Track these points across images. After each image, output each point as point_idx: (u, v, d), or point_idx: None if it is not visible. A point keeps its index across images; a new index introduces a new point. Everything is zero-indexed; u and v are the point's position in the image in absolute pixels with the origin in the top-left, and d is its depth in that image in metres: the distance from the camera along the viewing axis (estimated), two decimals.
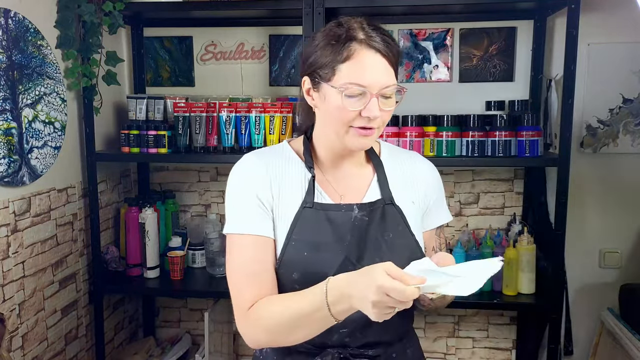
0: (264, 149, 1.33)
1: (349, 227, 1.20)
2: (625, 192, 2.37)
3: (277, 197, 1.22)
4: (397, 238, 1.22)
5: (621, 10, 2.25)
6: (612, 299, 2.33)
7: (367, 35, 1.15)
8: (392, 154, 1.34)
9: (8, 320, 1.82)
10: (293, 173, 1.25)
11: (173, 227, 2.54)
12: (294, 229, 1.19)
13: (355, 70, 1.13)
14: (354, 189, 1.26)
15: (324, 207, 1.22)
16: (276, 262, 1.19)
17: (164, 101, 2.33)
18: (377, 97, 1.13)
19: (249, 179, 1.23)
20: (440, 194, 1.35)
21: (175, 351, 2.52)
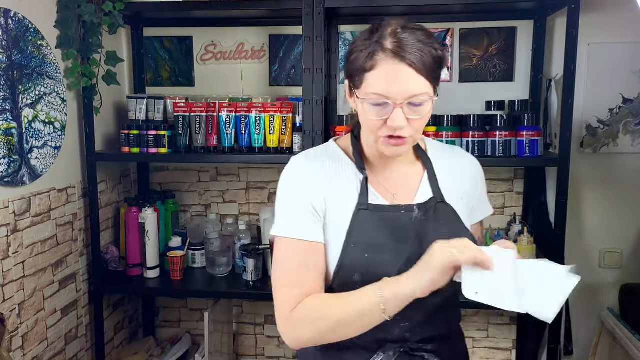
0: (311, 150, 1.32)
1: (410, 228, 1.21)
2: (625, 191, 2.37)
3: (329, 201, 1.22)
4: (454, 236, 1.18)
5: (621, 10, 2.25)
6: (612, 299, 2.33)
7: (395, 44, 1.11)
8: (437, 150, 1.34)
9: (8, 320, 1.82)
10: (345, 174, 1.25)
11: (173, 227, 2.54)
12: (352, 232, 1.20)
13: (378, 80, 1.12)
14: (406, 188, 1.27)
15: (379, 208, 1.22)
16: (335, 265, 1.19)
17: (164, 101, 2.33)
18: (402, 107, 1.12)
19: (300, 184, 1.23)
20: (483, 188, 1.36)
21: (175, 351, 2.52)
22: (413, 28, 1.14)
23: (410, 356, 1.22)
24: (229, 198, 2.62)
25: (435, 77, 1.15)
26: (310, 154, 1.30)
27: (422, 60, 1.11)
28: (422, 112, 1.14)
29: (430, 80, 1.13)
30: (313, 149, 1.32)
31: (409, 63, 1.10)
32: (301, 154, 1.30)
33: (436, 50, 1.14)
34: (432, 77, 1.13)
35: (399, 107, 1.11)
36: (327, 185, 1.23)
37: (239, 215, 2.61)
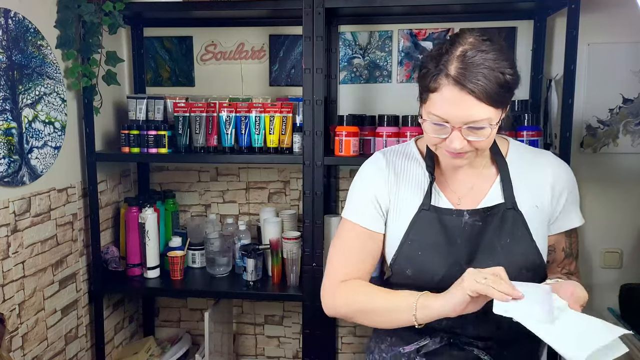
0: (393, 147, 1.40)
1: (458, 231, 1.25)
2: (625, 191, 2.37)
3: (395, 197, 1.32)
4: (515, 244, 1.24)
5: (621, 10, 2.25)
6: (612, 299, 2.33)
7: (459, 70, 1.12)
8: (520, 155, 1.32)
9: (8, 320, 1.82)
10: (415, 173, 1.32)
11: (173, 227, 2.54)
12: (411, 229, 1.28)
13: (440, 103, 1.14)
14: (474, 191, 1.29)
15: (438, 210, 1.27)
16: (391, 258, 1.30)
17: (164, 101, 2.33)
18: (460, 130, 1.14)
19: (372, 179, 1.34)
20: (571, 197, 1.32)
21: (175, 351, 2.52)
22: (484, 50, 1.14)
23: (459, 348, 1.27)
24: (229, 198, 2.62)
25: (500, 102, 1.14)
26: (389, 151, 1.38)
27: (485, 88, 1.11)
28: (482, 135, 1.16)
29: (494, 105, 1.14)
30: (394, 147, 1.40)
31: (469, 91, 1.11)
32: (383, 150, 1.39)
33: (504, 74, 1.13)
34: (495, 103, 1.13)
35: (457, 131, 1.14)
36: (396, 183, 1.32)
37: (239, 215, 2.61)
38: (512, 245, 1.24)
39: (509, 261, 1.21)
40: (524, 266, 1.24)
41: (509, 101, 1.19)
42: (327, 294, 1.35)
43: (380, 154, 1.38)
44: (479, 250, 1.24)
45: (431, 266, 1.25)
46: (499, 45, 1.18)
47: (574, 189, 1.33)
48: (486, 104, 1.12)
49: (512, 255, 1.23)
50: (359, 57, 2.46)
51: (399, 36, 2.42)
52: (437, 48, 1.20)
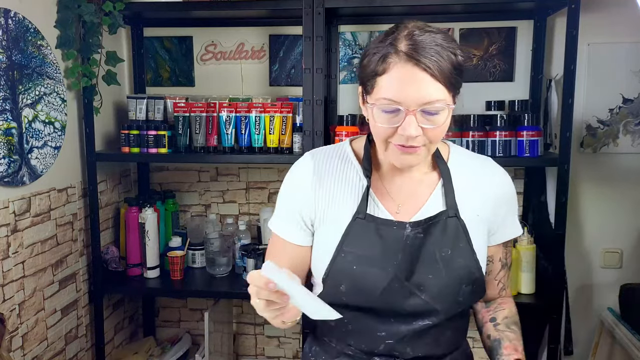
0: (324, 149, 1.27)
1: (400, 245, 1.15)
2: (625, 191, 2.37)
3: (324, 206, 1.20)
4: (456, 255, 1.15)
5: (621, 10, 2.25)
6: (613, 299, 2.33)
7: (410, 46, 1.03)
8: (461, 160, 1.23)
9: (8, 320, 1.82)
10: (349, 178, 1.21)
11: (173, 227, 2.54)
12: (345, 240, 1.17)
13: (390, 84, 1.04)
14: (414, 199, 1.19)
15: (375, 220, 1.16)
16: (324, 273, 1.19)
17: (164, 101, 2.33)
18: (415, 114, 1.03)
19: (296, 186, 1.23)
20: (511, 207, 1.25)
21: (175, 351, 2.52)
22: (431, 30, 1.06)
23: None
24: (229, 198, 2.62)
25: (453, 84, 1.06)
26: (320, 153, 1.26)
27: (439, 65, 1.02)
28: (437, 121, 1.06)
29: (448, 87, 1.05)
30: (326, 147, 1.28)
31: (424, 67, 1.02)
32: (313, 151, 1.27)
33: (456, 55, 1.05)
34: (449, 84, 1.05)
35: (411, 114, 1.03)
36: (325, 190, 1.20)
37: (239, 215, 2.61)
38: (453, 256, 1.15)
39: (448, 274, 1.14)
40: (464, 279, 1.16)
41: (459, 88, 1.09)
42: None
43: (309, 155, 1.25)
44: (419, 264, 1.14)
45: (368, 281, 1.14)
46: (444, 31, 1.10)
47: (513, 198, 1.26)
48: (440, 83, 1.03)
49: (452, 268, 1.15)
50: (359, 57, 2.46)
51: None
52: (378, 37, 1.10)
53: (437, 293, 1.14)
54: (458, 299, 1.17)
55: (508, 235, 1.26)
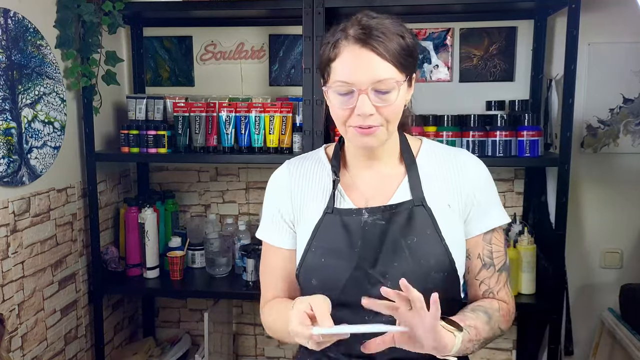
0: (301, 155, 1.33)
1: (359, 233, 1.17)
2: (625, 191, 2.36)
3: (300, 206, 1.25)
4: (423, 243, 1.15)
5: (622, 10, 2.25)
6: (613, 299, 2.32)
7: (359, 30, 1.10)
8: (432, 153, 1.25)
9: (7, 321, 1.81)
10: (320, 178, 1.26)
11: (173, 227, 2.54)
12: (315, 236, 1.20)
13: (342, 67, 1.11)
14: (381, 192, 1.21)
15: (341, 212, 1.20)
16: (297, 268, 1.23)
17: (164, 101, 2.33)
18: (367, 93, 1.09)
19: (275, 193, 1.29)
20: (487, 195, 1.22)
21: (175, 351, 2.51)
22: (380, 17, 1.13)
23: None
24: (229, 198, 2.61)
25: (403, 65, 1.11)
26: (294, 160, 1.32)
27: (386, 46, 1.09)
28: (389, 100, 1.10)
29: (398, 66, 1.10)
30: (302, 155, 1.34)
31: (371, 47, 1.08)
32: (290, 159, 1.33)
33: (404, 38, 1.11)
34: (399, 64, 1.10)
35: (363, 94, 1.09)
36: (300, 192, 1.26)
37: (238, 215, 2.61)
38: (419, 244, 1.15)
39: (415, 262, 1.14)
40: (433, 267, 1.14)
41: (412, 68, 1.14)
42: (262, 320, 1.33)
43: (285, 164, 1.32)
44: (383, 251, 1.15)
45: (334, 273, 1.16)
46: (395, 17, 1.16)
47: (489, 187, 1.23)
48: (389, 62, 1.09)
49: (418, 256, 1.14)
50: None
51: None
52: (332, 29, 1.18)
53: None
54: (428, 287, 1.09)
55: (483, 227, 1.21)
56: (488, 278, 1.23)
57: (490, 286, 1.23)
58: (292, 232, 1.27)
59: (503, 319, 1.21)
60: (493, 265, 1.23)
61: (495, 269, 1.23)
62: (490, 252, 1.23)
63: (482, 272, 1.23)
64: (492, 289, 1.23)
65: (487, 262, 1.23)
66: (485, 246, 1.22)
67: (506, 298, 1.24)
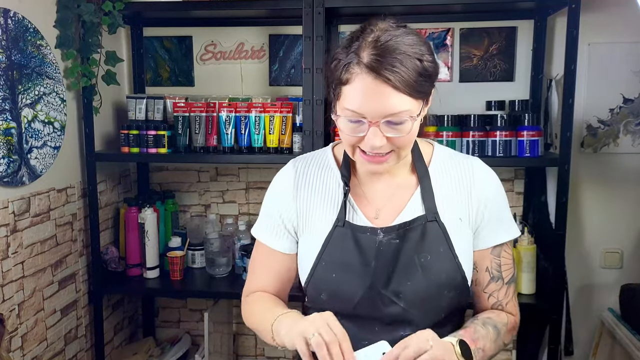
0: (307, 155, 1.28)
1: (373, 252, 1.13)
2: (625, 191, 2.36)
3: (306, 214, 1.21)
4: (436, 260, 1.12)
5: (622, 10, 2.25)
6: (613, 300, 2.32)
7: (373, 57, 1.01)
8: (443, 161, 1.20)
9: (7, 321, 1.81)
10: (329, 186, 1.21)
11: (173, 227, 2.54)
12: (325, 248, 1.17)
13: (353, 95, 1.03)
14: (393, 204, 1.17)
15: (353, 227, 1.16)
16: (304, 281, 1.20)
17: (164, 101, 2.33)
18: (378, 125, 1.03)
19: (279, 195, 1.25)
20: (498, 208, 1.19)
21: (174, 351, 2.51)
22: (398, 35, 1.03)
23: None
24: (229, 198, 2.61)
25: (420, 91, 1.04)
26: (302, 160, 1.27)
27: (402, 76, 1.00)
28: (403, 130, 1.04)
29: (414, 95, 1.03)
30: (310, 154, 1.29)
31: (384, 79, 1.00)
32: (297, 158, 1.28)
33: (422, 61, 1.03)
34: (415, 92, 1.03)
35: (374, 126, 1.03)
36: (307, 199, 1.21)
37: (238, 215, 2.61)
38: (433, 262, 1.12)
39: (428, 280, 1.11)
40: (445, 285, 1.12)
41: (429, 92, 1.08)
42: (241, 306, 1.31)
43: (291, 164, 1.27)
44: (396, 270, 1.12)
45: (346, 289, 1.14)
46: (414, 32, 1.07)
47: (500, 199, 1.20)
48: (405, 94, 1.01)
49: (432, 274, 1.12)
50: None
51: None
52: (347, 37, 1.08)
53: (416, 300, 1.12)
54: (441, 305, 1.14)
55: (493, 240, 1.19)
56: (497, 291, 1.22)
57: (499, 299, 1.23)
58: (291, 237, 1.25)
59: (508, 334, 1.21)
60: (501, 278, 1.22)
61: (504, 282, 1.22)
62: (498, 266, 1.21)
63: (491, 285, 1.22)
64: (501, 302, 1.23)
65: (496, 275, 1.21)
66: (493, 259, 1.20)
67: (514, 310, 1.25)
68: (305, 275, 1.20)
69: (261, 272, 1.29)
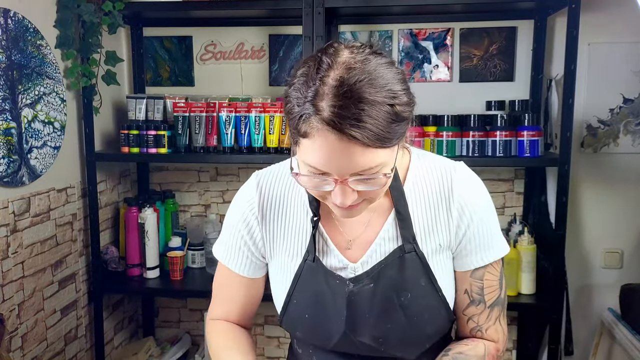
0: (273, 167, 1.14)
1: (344, 301, 1.03)
2: (625, 191, 2.36)
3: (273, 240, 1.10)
4: (417, 297, 1.02)
5: (621, 10, 2.25)
6: (613, 299, 2.32)
7: (333, 110, 0.83)
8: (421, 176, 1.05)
9: (7, 321, 1.81)
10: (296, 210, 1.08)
11: (173, 227, 2.54)
12: (296, 285, 1.07)
13: (314, 153, 0.87)
14: (366, 232, 1.05)
15: (322, 267, 1.05)
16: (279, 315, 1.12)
17: (164, 101, 2.33)
18: (347, 182, 0.88)
19: (240, 215, 1.12)
20: (482, 227, 1.03)
21: (174, 351, 2.51)
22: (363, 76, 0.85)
23: None
24: (229, 198, 2.61)
25: (393, 139, 0.87)
26: (266, 177, 1.12)
27: (371, 130, 0.83)
28: (375, 184, 0.90)
29: (386, 146, 0.87)
30: (276, 167, 1.14)
31: (349, 137, 0.83)
32: (260, 173, 1.13)
33: (393, 106, 0.86)
34: (387, 143, 0.87)
35: (341, 184, 0.88)
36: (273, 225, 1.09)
37: None
38: (414, 300, 1.01)
39: (410, 321, 1.02)
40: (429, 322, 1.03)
41: (405, 132, 0.91)
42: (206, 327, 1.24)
43: (254, 181, 1.11)
44: (373, 315, 1.02)
45: (321, 332, 1.05)
46: (382, 59, 0.89)
47: (484, 215, 1.04)
48: (376, 148, 0.85)
49: (414, 313, 1.02)
50: None
51: (399, 36, 2.42)
52: (301, 72, 0.90)
53: (399, 343, 1.04)
54: (423, 340, 1.06)
55: (472, 263, 1.05)
56: (477, 315, 1.09)
57: (479, 323, 1.09)
58: (257, 262, 1.14)
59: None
60: (483, 302, 1.08)
61: (486, 305, 1.08)
62: (480, 289, 1.07)
63: (470, 308, 1.08)
64: (481, 327, 1.09)
65: (476, 298, 1.07)
66: (473, 283, 1.06)
67: (495, 336, 1.10)
68: (278, 309, 1.12)
69: (223, 297, 1.19)
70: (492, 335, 1.10)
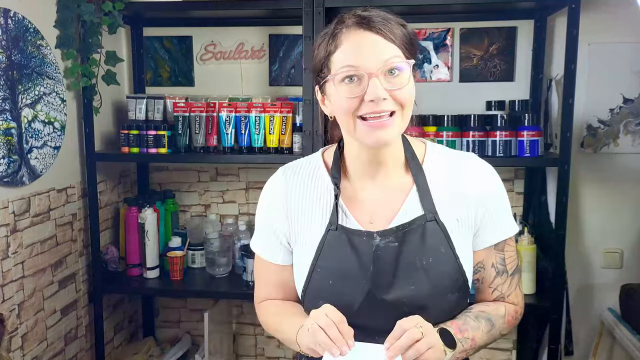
0: (295, 163, 1.24)
1: (371, 257, 1.09)
2: (625, 191, 2.36)
3: (298, 225, 1.18)
4: (438, 263, 1.08)
5: (622, 10, 2.24)
6: (613, 299, 2.32)
7: (358, 18, 1.05)
8: (438, 159, 1.16)
9: (8, 321, 1.81)
10: (319, 191, 1.17)
11: (173, 227, 2.54)
12: (319, 254, 1.13)
13: (345, 54, 1.04)
14: (388, 206, 1.13)
15: (346, 231, 1.12)
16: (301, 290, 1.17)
17: (164, 101, 2.33)
18: (378, 76, 1.01)
19: (268, 206, 1.24)
20: (497, 205, 1.15)
21: (175, 351, 2.51)
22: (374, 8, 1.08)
23: None
24: (229, 198, 2.61)
25: (409, 50, 1.05)
26: (291, 168, 1.23)
27: (390, 29, 1.04)
28: (402, 82, 1.03)
29: (404, 50, 1.05)
30: (300, 160, 1.25)
31: (376, 31, 1.03)
32: (287, 166, 1.25)
33: (405, 27, 1.07)
34: (405, 48, 1.05)
35: (374, 77, 1.01)
36: (299, 210, 1.18)
37: (238, 215, 2.61)
38: (434, 264, 1.08)
39: (432, 284, 1.08)
40: (449, 288, 1.09)
41: (415, 55, 1.08)
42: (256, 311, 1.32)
43: (280, 173, 1.23)
44: (397, 275, 1.08)
45: (345, 297, 1.09)
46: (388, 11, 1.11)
47: (499, 197, 1.16)
48: (395, 45, 1.03)
49: (435, 277, 1.08)
50: None
51: None
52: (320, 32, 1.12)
53: (420, 304, 1.08)
54: (443, 307, 1.11)
55: (495, 238, 1.16)
56: (501, 285, 1.20)
57: (502, 292, 1.20)
58: (286, 249, 1.22)
59: (507, 325, 1.19)
60: (506, 272, 1.19)
61: (508, 274, 1.20)
62: (502, 260, 1.18)
63: (497, 280, 1.19)
64: (504, 294, 1.21)
65: (500, 269, 1.18)
66: (497, 254, 1.17)
67: (515, 300, 1.22)
68: (301, 284, 1.17)
69: (264, 283, 1.28)
70: (513, 299, 1.22)
